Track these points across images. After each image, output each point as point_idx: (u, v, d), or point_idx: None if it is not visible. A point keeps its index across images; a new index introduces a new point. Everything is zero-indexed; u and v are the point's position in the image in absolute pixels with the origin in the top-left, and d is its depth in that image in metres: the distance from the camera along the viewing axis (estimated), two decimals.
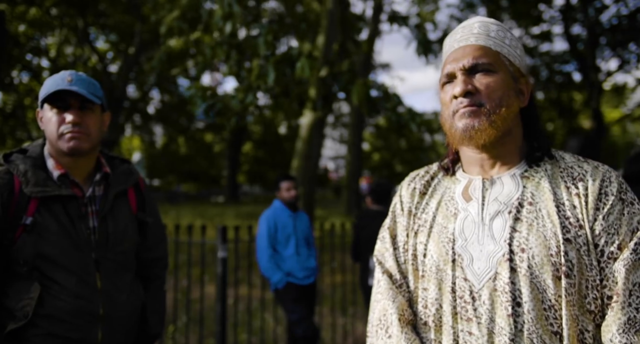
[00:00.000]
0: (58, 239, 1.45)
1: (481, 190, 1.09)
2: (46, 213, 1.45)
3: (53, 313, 1.42)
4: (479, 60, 1.05)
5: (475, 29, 1.11)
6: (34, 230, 1.42)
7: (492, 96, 1.03)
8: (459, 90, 1.04)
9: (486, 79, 1.04)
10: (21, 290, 1.42)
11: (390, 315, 1.10)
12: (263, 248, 3.71)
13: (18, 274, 1.43)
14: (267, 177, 31.53)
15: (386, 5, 15.03)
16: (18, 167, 1.47)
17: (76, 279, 1.45)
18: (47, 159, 1.54)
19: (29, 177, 1.45)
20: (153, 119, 26.21)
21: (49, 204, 1.46)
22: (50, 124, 1.50)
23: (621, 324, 0.92)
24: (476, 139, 1.04)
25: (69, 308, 1.43)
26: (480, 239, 1.04)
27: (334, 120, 30.18)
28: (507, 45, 1.09)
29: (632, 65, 15.92)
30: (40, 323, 1.41)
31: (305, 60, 6.64)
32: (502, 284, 0.98)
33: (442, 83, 1.12)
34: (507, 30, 1.11)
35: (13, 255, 1.41)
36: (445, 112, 1.10)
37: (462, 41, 1.11)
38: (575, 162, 1.07)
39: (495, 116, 1.03)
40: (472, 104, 1.03)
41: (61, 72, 1.54)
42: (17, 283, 1.43)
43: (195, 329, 4.52)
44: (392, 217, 1.24)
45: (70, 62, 17.89)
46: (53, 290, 1.42)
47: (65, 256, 1.45)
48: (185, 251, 4.21)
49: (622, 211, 0.98)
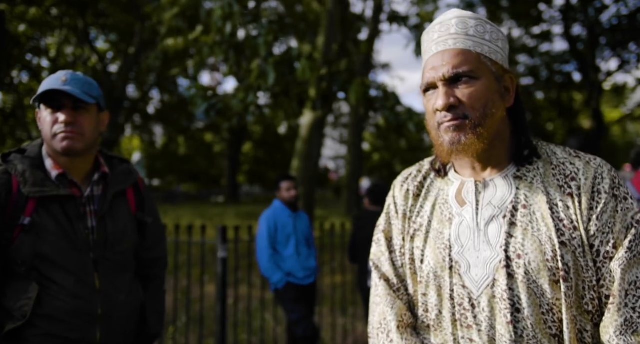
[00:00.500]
0: (56, 239, 1.45)
1: (474, 194, 1.08)
2: (44, 213, 1.45)
3: (52, 313, 1.42)
4: (460, 69, 1.01)
5: (453, 28, 1.05)
6: (32, 230, 1.42)
7: (476, 105, 1.00)
8: (441, 104, 1.01)
9: (468, 89, 1.01)
10: (19, 290, 1.42)
11: (390, 322, 1.10)
12: (263, 248, 3.71)
13: (16, 274, 1.43)
14: (267, 177, 31.53)
15: (386, 5, 15.04)
16: (16, 167, 1.47)
17: (75, 279, 1.45)
18: (45, 159, 1.54)
19: (27, 177, 1.45)
20: (153, 119, 26.21)
21: (47, 204, 1.46)
22: (45, 124, 1.50)
23: (618, 326, 0.93)
24: (464, 153, 1.02)
25: (68, 308, 1.43)
26: (477, 246, 1.03)
27: (334, 120, 30.20)
28: (487, 42, 1.04)
29: (632, 65, 15.91)
30: (38, 323, 1.41)
31: (306, 62, 6.63)
32: (501, 291, 0.98)
33: (423, 90, 1.08)
34: (487, 23, 1.06)
35: (11, 255, 1.42)
36: (430, 121, 1.07)
37: (439, 44, 1.05)
38: (567, 157, 1.06)
39: (481, 128, 1.00)
40: (457, 118, 1.01)
41: (58, 72, 1.54)
42: (15, 282, 1.43)
43: (195, 329, 4.52)
44: (386, 219, 1.22)
45: (70, 62, 17.88)
46: (51, 290, 1.43)
47: (64, 256, 1.45)
48: (185, 251, 4.21)
49: (615, 208, 0.98)
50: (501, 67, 1.06)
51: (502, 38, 1.08)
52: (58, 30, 16.52)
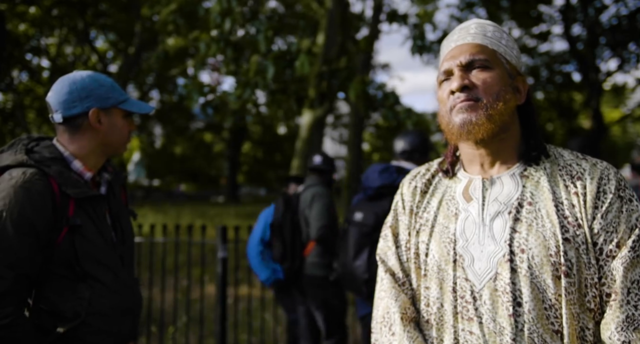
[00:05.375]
0: (96, 238, 1.50)
1: (481, 190, 1.10)
2: (82, 213, 1.48)
3: (100, 309, 1.47)
4: (476, 57, 1.07)
5: (472, 29, 1.13)
6: (77, 231, 1.45)
7: (489, 90, 1.05)
8: (456, 85, 1.05)
9: (483, 75, 1.06)
10: (66, 291, 1.43)
11: (393, 314, 1.12)
12: (253, 245, 3.68)
13: (60, 276, 1.44)
14: (267, 177, 31.52)
15: (386, 5, 15.04)
16: (50, 168, 1.47)
17: (112, 275, 1.52)
18: (70, 160, 1.54)
19: (66, 178, 1.46)
20: (152, 119, 26.20)
21: (83, 205, 1.49)
22: (117, 129, 1.58)
23: (620, 322, 0.94)
24: (474, 133, 1.04)
25: (111, 304, 1.50)
26: (481, 240, 1.05)
27: (333, 120, 30.18)
28: (503, 45, 1.11)
29: (632, 65, 15.91)
30: (90, 321, 1.45)
31: (305, 57, 6.61)
32: (503, 285, 0.99)
33: (439, 81, 1.13)
34: (504, 32, 1.13)
35: (57, 257, 1.42)
36: (442, 109, 1.11)
37: (459, 41, 1.13)
38: (574, 159, 1.08)
39: (492, 110, 1.03)
40: (469, 99, 1.04)
41: (118, 84, 1.64)
42: (60, 284, 1.44)
43: (195, 329, 4.51)
44: (394, 215, 1.25)
45: (70, 62, 17.88)
46: (97, 288, 1.47)
47: (104, 254, 1.51)
48: (185, 251, 4.21)
49: (620, 209, 0.99)
50: (514, 68, 1.11)
51: (517, 49, 1.14)
52: (58, 30, 16.52)
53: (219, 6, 7.20)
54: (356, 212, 2.59)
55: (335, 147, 33.01)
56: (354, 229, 2.52)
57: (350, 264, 2.47)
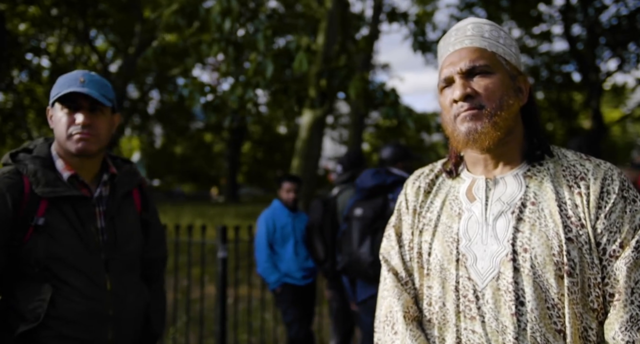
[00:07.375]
0: (68, 239, 1.44)
1: (484, 190, 1.10)
2: (57, 214, 1.44)
3: (65, 314, 1.41)
4: (476, 63, 1.05)
5: (469, 30, 1.11)
6: (45, 231, 1.41)
7: (492, 97, 1.04)
8: (458, 94, 1.04)
9: (484, 81, 1.05)
10: (31, 292, 1.40)
11: (396, 313, 1.12)
12: (261, 249, 3.73)
13: (27, 276, 1.42)
14: (267, 177, 31.53)
15: (386, 5, 15.04)
16: (27, 167, 1.46)
17: (87, 280, 1.45)
18: (55, 159, 1.53)
19: (39, 178, 1.44)
20: (152, 119, 26.20)
21: (59, 205, 1.45)
22: (60, 124, 1.49)
23: (623, 322, 0.94)
24: (480, 142, 1.04)
25: (81, 309, 1.43)
26: (484, 239, 1.05)
27: (333, 120, 30.18)
28: (501, 45, 1.09)
29: (632, 65, 15.91)
30: (52, 325, 1.40)
31: (303, 54, 6.60)
32: (506, 284, 0.99)
33: (440, 87, 1.12)
34: (501, 29, 1.12)
35: (23, 256, 1.40)
36: (446, 117, 1.10)
37: (456, 44, 1.11)
38: (578, 160, 1.08)
39: (496, 117, 1.03)
40: (473, 107, 1.04)
41: (74, 71, 1.54)
42: (26, 284, 1.42)
43: (195, 329, 4.51)
44: (397, 215, 1.25)
45: (70, 62, 17.86)
46: (64, 291, 1.42)
47: (76, 256, 1.45)
48: (185, 251, 4.20)
49: (624, 209, 0.99)
50: (515, 68, 1.10)
51: (515, 45, 1.13)
52: (58, 30, 16.51)
53: (219, 6, 7.20)
54: (355, 209, 2.88)
55: (335, 147, 32.99)
56: (356, 223, 2.82)
57: (356, 252, 2.76)
